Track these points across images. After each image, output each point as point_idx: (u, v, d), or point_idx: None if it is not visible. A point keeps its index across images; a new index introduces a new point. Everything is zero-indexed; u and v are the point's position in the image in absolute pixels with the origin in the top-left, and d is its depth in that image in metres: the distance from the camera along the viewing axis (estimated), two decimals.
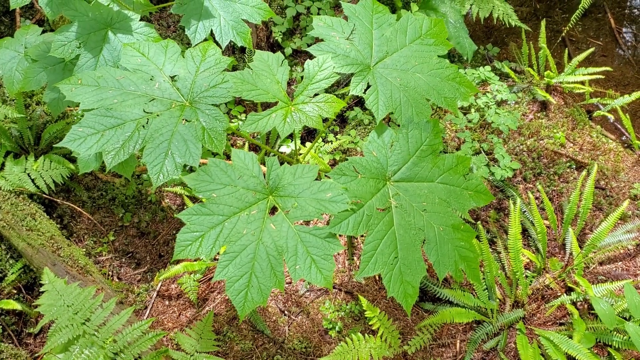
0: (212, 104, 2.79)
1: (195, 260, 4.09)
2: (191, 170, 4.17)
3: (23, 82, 3.55)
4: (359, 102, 5.33)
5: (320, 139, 4.71)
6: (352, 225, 2.53)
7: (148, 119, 2.70)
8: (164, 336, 4.05)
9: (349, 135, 4.64)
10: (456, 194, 2.80)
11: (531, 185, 4.64)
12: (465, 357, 3.79)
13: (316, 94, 2.86)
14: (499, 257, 4.22)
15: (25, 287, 4.21)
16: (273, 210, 2.60)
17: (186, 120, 2.72)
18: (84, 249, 4.44)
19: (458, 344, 3.87)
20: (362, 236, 3.82)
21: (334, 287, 4.07)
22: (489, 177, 4.28)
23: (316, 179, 2.61)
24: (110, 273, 4.43)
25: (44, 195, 4.35)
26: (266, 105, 2.88)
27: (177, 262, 4.10)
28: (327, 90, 2.96)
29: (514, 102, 4.90)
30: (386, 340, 3.54)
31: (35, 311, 3.81)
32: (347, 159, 2.66)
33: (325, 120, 4.45)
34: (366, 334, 3.56)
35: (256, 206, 2.58)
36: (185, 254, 2.46)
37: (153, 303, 4.21)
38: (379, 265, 2.54)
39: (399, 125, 2.82)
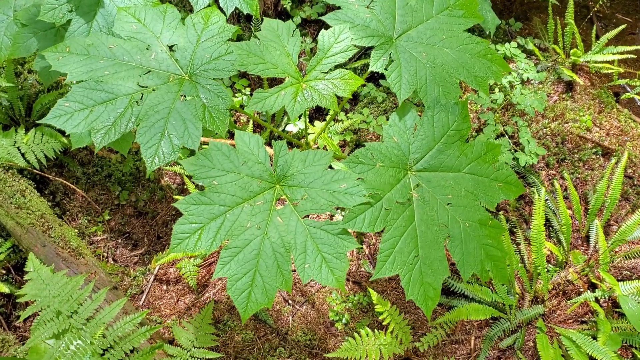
0: (214, 78, 2.49)
1: None
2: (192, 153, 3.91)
3: (12, 49, 3.25)
4: (373, 77, 5.01)
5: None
6: (368, 221, 2.25)
7: (142, 94, 2.41)
8: (160, 322, 3.82)
9: (360, 114, 4.34)
10: (484, 185, 2.51)
11: (554, 172, 4.34)
12: (480, 355, 3.55)
13: (331, 70, 2.56)
14: (518, 249, 3.95)
15: (14, 268, 3.96)
16: (280, 201, 2.32)
17: (185, 96, 2.43)
18: (78, 228, 4.19)
19: (473, 341, 3.62)
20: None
21: None
22: (511, 163, 3.99)
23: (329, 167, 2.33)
24: (105, 254, 4.18)
25: (35, 170, 4.07)
26: (271, 80, 2.58)
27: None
28: (341, 66, 2.66)
29: (537, 81, 4.58)
30: (397, 336, 3.30)
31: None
32: (364, 145, 2.37)
33: (339, 99, 4.14)
34: (375, 329, 3.32)
35: (261, 196, 2.30)
36: (182, 248, 2.19)
37: (150, 287, 3.97)
38: (398, 265, 2.27)
39: (417, 104, 2.52)
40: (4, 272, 3.93)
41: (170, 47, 2.56)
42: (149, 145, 2.29)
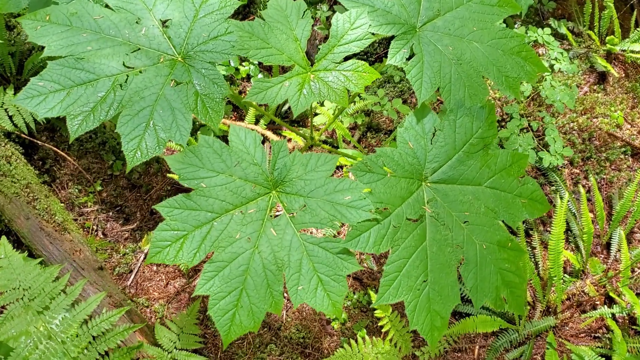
0: (211, 62, 2.20)
1: None
2: None
3: (0, 3, 2.95)
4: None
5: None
6: (373, 240, 1.98)
7: (128, 76, 2.12)
8: (147, 306, 3.62)
9: (374, 94, 4.02)
10: (507, 201, 2.23)
11: (577, 171, 4.04)
12: None
13: (343, 60, 2.25)
14: (533, 254, 3.68)
15: None
16: (276, 210, 2.06)
17: (176, 81, 2.14)
18: (67, 198, 3.95)
19: (477, 350, 3.40)
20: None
21: None
22: (533, 163, 3.69)
23: (331, 173, 2.05)
24: (94, 227, 3.95)
25: (24, 135, 3.81)
26: (282, 67, 2.29)
27: None
28: (355, 56, 2.35)
29: (570, 73, 4.22)
30: (396, 344, 3.08)
31: None
32: (374, 151, 2.09)
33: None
34: (374, 337, 3.09)
35: (255, 203, 2.03)
36: (161, 258, 1.94)
37: (139, 267, 3.75)
38: (403, 291, 2.02)
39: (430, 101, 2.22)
40: None
41: (164, 22, 2.26)
42: (130, 137, 2.02)
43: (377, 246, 1.98)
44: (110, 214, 4.02)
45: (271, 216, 2.03)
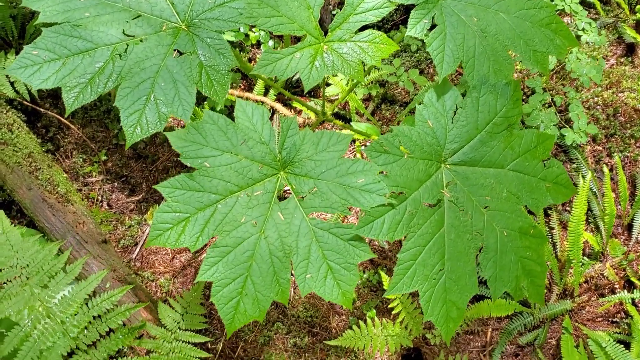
0: (217, 30, 2.05)
1: None
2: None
3: None
4: (407, 19, 4.46)
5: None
6: (387, 226, 1.86)
7: (128, 46, 1.98)
8: (152, 280, 3.54)
9: (390, 64, 3.84)
10: (530, 185, 2.09)
11: (600, 148, 3.86)
12: (495, 350, 3.23)
13: (359, 30, 2.09)
14: (551, 234, 3.55)
15: (1, 206, 3.66)
16: (284, 193, 1.93)
17: (179, 52, 1.99)
18: (72, 167, 3.84)
19: (489, 333, 3.30)
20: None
21: None
22: (555, 139, 3.51)
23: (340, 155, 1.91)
24: (99, 198, 3.85)
25: (26, 102, 3.69)
26: (294, 38, 2.14)
27: None
28: (372, 26, 2.18)
29: (591, 42, 4.01)
30: (407, 326, 2.97)
31: None
32: (390, 130, 1.94)
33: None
34: (384, 319, 2.99)
35: (262, 185, 1.91)
36: (161, 241, 1.83)
37: (145, 240, 3.66)
38: (418, 280, 1.90)
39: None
40: None
41: None
42: (130, 112, 1.89)
43: (391, 233, 1.85)
44: (116, 184, 3.91)
45: (279, 199, 1.91)
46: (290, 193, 1.91)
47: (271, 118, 2.02)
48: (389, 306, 3.00)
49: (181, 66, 1.96)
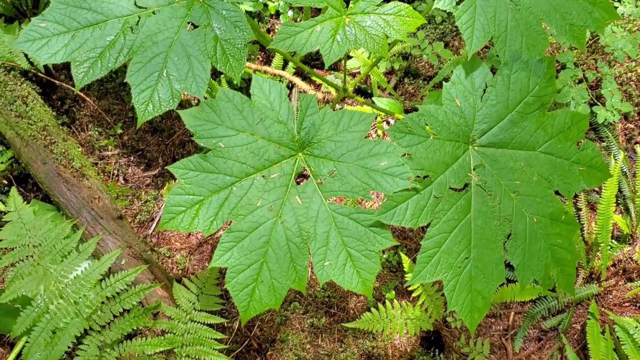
0: (233, 2, 1.94)
1: None
2: None
3: None
4: None
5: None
6: (411, 212, 1.76)
7: (140, 18, 1.88)
8: (169, 257, 3.49)
9: (414, 36, 3.69)
10: (563, 169, 1.97)
11: (632, 126, 3.70)
12: (518, 334, 3.15)
13: (383, 1, 1.97)
14: (579, 215, 3.42)
15: (16, 179, 3.62)
16: (302, 176, 1.83)
17: (193, 24, 1.89)
18: (87, 141, 3.78)
19: (512, 317, 3.21)
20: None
21: None
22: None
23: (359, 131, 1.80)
24: (115, 172, 3.79)
25: (41, 74, 3.61)
26: (315, 10, 2.01)
27: None
28: None
29: (628, 14, 3.82)
30: (427, 309, 2.89)
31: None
32: (416, 110, 1.83)
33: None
34: (404, 302, 2.91)
35: (279, 167, 1.81)
36: (174, 225, 1.75)
37: (161, 216, 3.60)
38: (442, 268, 1.80)
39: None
40: (5, 182, 3.60)
41: None
42: (142, 88, 1.80)
43: (415, 219, 1.76)
44: (132, 158, 3.85)
45: (297, 182, 1.82)
46: (309, 176, 1.82)
47: (290, 92, 1.92)
48: (409, 288, 2.92)
49: (195, 40, 1.86)
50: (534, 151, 1.95)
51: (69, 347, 2.19)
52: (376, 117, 3.53)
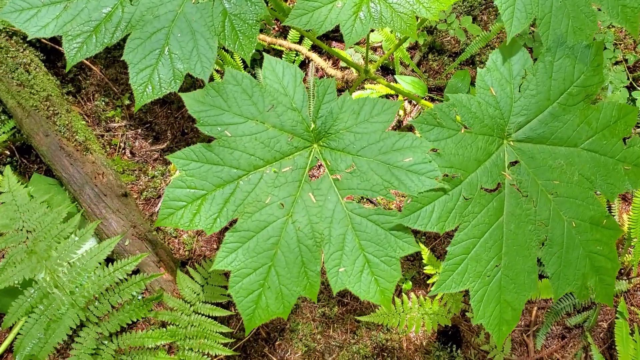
0: None
1: None
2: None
3: None
4: None
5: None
6: (437, 215, 1.57)
7: None
8: (175, 237, 3.34)
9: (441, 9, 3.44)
10: (606, 168, 1.77)
11: None
12: (540, 330, 2.98)
13: None
14: (609, 205, 3.21)
15: (19, 150, 3.47)
16: (316, 169, 1.65)
17: None
18: (94, 111, 3.61)
19: (534, 312, 3.04)
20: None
21: None
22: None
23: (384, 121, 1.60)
24: (122, 145, 3.63)
25: (44, 40, 3.43)
26: None
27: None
28: None
29: None
30: (446, 304, 2.73)
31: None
32: (441, 103, 1.63)
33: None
34: (421, 296, 2.74)
35: (291, 160, 1.63)
36: (173, 221, 1.58)
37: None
38: (469, 277, 1.63)
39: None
40: (8, 153, 3.45)
41: None
42: (140, 68, 1.61)
43: (441, 223, 1.57)
44: (139, 131, 3.68)
45: (310, 177, 1.63)
46: (324, 171, 1.63)
47: (306, 73, 1.72)
48: (428, 281, 2.75)
49: (201, 14, 1.66)
50: (575, 148, 1.75)
51: (64, 340, 2.06)
52: (397, 96, 3.32)
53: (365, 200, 2.88)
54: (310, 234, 1.58)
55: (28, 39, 3.32)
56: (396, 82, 3.13)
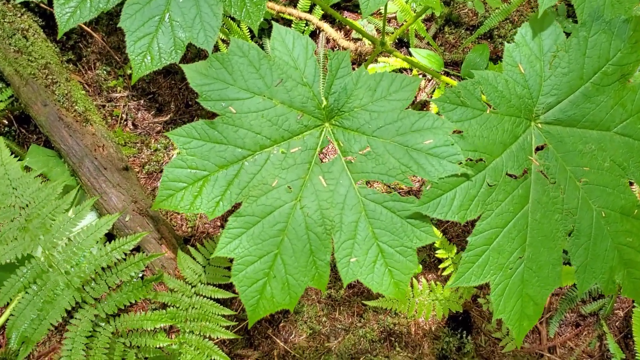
0: None
1: None
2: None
3: None
4: None
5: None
6: (458, 203, 1.45)
7: None
8: (178, 214, 3.24)
9: None
10: None
11: None
12: (554, 317, 2.88)
13: None
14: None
15: (17, 119, 3.36)
16: (328, 150, 1.53)
17: None
18: (95, 80, 3.48)
19: (548, 299, 2.93)
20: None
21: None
22: None
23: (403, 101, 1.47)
24: (124, 116, 3.50)
25: (44, 4, 3.28)
26: None
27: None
28: None
29: None
30: (458, 289, 2.62)
31: (24, 163, 2.96)
32: (468, 77, 1.49)
33: None
34: (432, 281, 2.64)
35: (300, 139, 1.50)
36: (172, 204, 1.47)
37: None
38: (490, 270, 1.51)
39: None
40: (6, 122, 3.34)
41: None
42: (138, 35, 1.48)
43: (463, 211, 1.45)
44: (142, 102, 3.54)
45: (321, 158, 1.51)
46: (336, 150, 1.51)
47: (316, 42, 1.59)
48: (440, 266, 2.64)
49: None
50: (608, 131, 1.62)
51: (58, 321, 1.96)
52: (412, 70, 3.17)
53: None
54: (320, 220, 1.46)
55: (30, 0, 3.19)
56: (411, 55, 2.98)
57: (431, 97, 3.06)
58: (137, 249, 2.77)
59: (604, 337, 2.84)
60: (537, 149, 1.57)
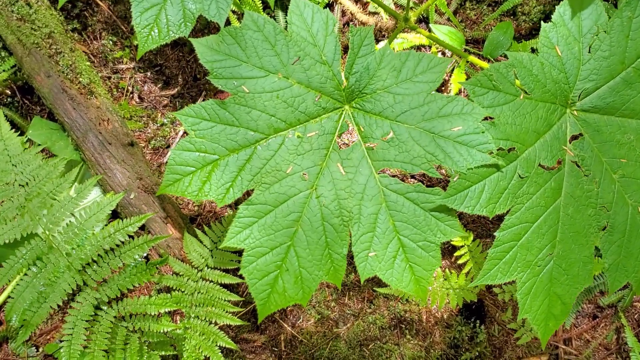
0: None
1: None
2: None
3: None
4: None
5: None
6: (487, 196, 1.34)
7: None
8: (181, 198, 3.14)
9: None
10: None
11: None
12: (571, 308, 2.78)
13: None
14: None
15: (21, 89, 3.25)
16: (346, 135, 1.42)
17: None
18: (101, 51, 3.36)
19: None
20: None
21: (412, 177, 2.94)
22: None
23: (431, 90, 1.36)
24: (130, 88, 3.39)
25: None
26: None
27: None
28: None
29: None
30: (473, 278, 2.53)
31: (27, 135, 2.86)
32: (503, 57, 1.37)
33: None
34: (447, 269, 2.54)
35: (318, 123, 1.39)
36: (179, 189, 1.37)
37: (178, 142, 3.22)
38: (518, 267, 1.41)
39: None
40: (9, 93, 3.23)
41: None
42: (145, 6, 1.36)
43: (491, 205, 1.34)
44: (149, 74, 3.43)
45: (339, 144, 1.40)
46: (356, 135, 1.40)
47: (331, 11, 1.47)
48: (455, 254, 2.54)
49: None
50: None
51: (59, 305, 1.88)
52: (430, 47, 3.03)
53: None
54: (337, 211, 1.36)
55: None
56: (430, 31, 2.85)
57: (450, 76, 2.93)
58: (142, 227, 2.68)
59: (622, 330, 2.75)
60: (572, 138, 1.46)
